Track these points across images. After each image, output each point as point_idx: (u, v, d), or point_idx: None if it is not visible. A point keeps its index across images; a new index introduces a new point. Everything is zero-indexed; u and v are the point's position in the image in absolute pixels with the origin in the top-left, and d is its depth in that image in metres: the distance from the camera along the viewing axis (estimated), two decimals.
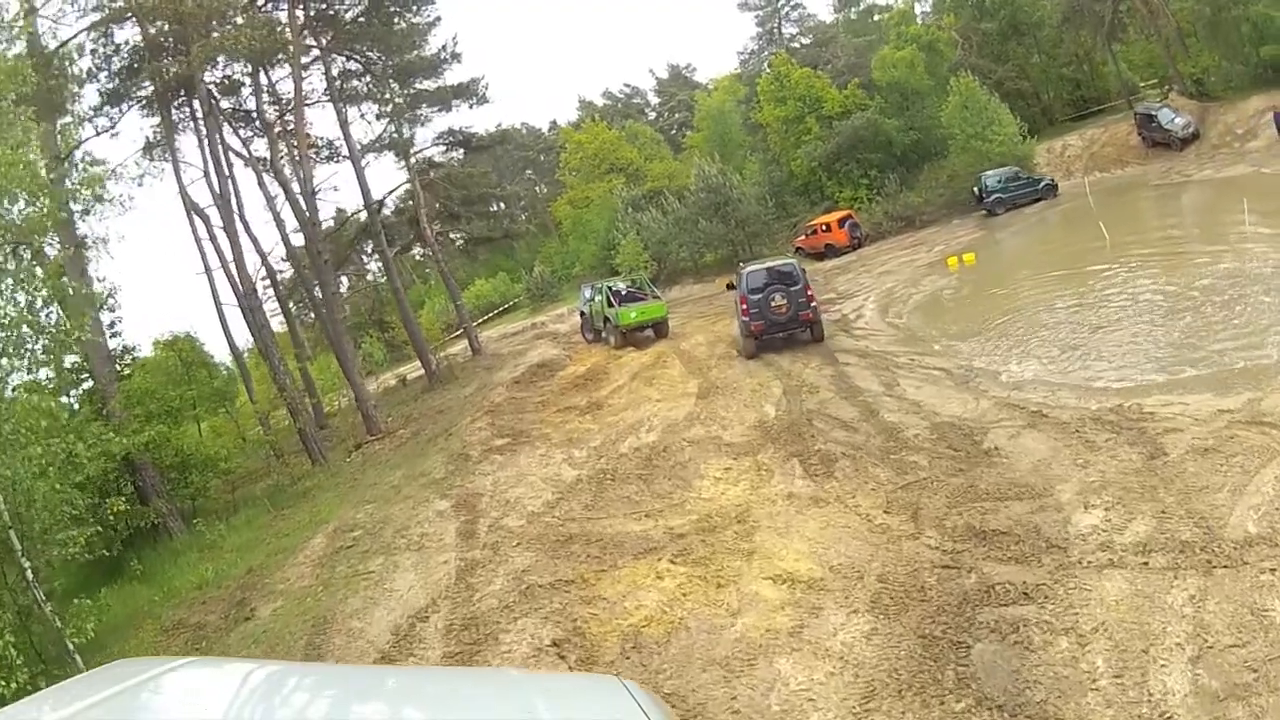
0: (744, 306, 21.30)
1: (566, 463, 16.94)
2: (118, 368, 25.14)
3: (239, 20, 27.82)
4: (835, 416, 15.54)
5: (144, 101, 28.98)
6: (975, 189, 38.08)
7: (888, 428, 14.29)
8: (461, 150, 42.94)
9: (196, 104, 28.10)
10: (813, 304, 21.36)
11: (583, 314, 31.28)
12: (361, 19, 33.21)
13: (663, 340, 26.61)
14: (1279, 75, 35.34)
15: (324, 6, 32.35)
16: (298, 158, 30.72)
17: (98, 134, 28.03)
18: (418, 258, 59.03)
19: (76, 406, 22.37)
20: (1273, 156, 30.91)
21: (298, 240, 33.52)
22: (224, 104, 32.00)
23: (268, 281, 37.29)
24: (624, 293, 28.50)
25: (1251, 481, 9.57)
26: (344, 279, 51.46)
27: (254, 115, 32.73)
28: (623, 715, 2.45)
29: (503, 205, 62.04)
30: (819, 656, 8.17)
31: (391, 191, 38.34)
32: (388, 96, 35.67)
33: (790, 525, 11.20)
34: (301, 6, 31.49)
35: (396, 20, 34.39)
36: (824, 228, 40.24)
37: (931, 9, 52.72)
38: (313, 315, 40.72)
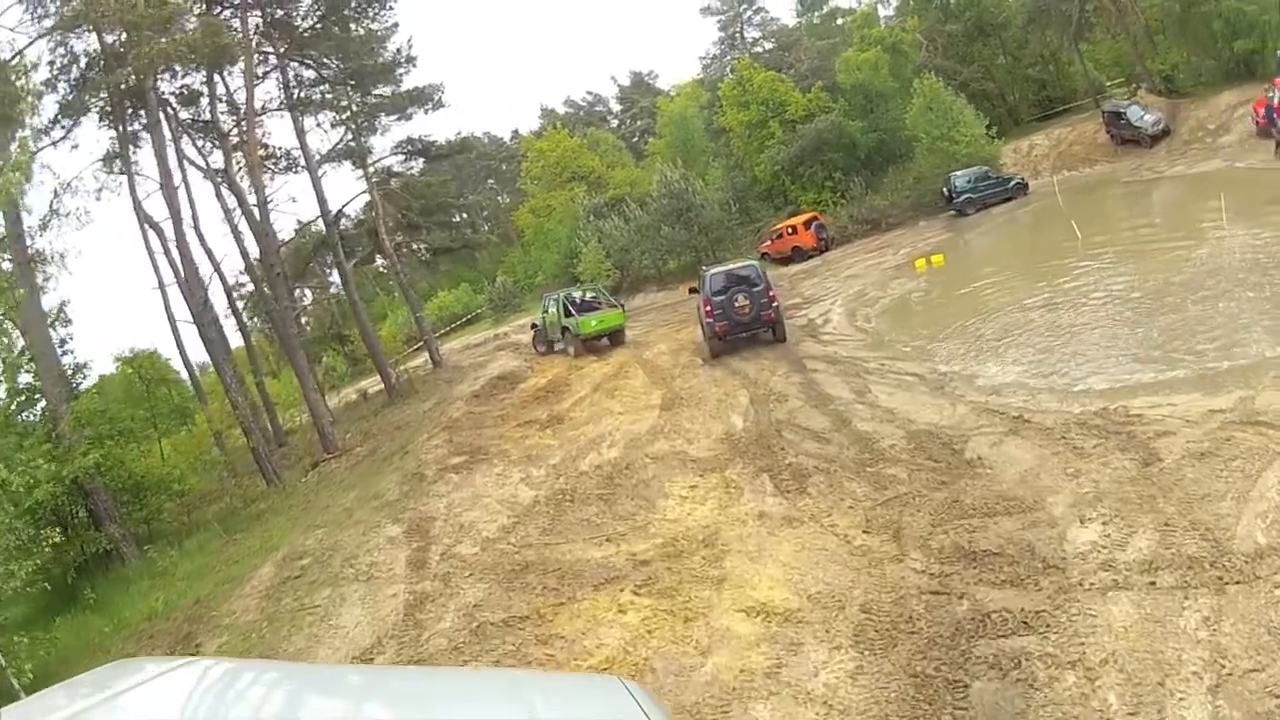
0: (707, 308, 21.42)
1: (524, 482, 16.09)
2: (71, 387, 24.38)
3: (191, 26, 27.20)
4: (806, 427, 14.72)
5: (101, 113, 28.42)
6: (944, 189, 37.67)
7: (862, 438, 13.48)
8: (421, 159, 42.11)
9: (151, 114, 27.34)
10: (774, 304, 21.51)
11: (535, 326, 31.17)
12: (318, 25, 32.57)
13: (625, 350, 26.09)
14: (1251, 70, 35.17)
15: (281, 13, 31.73)
16: (251, 167, 30.05)
17: (54, 145, 27.49)
18: (381, 270, 58.03)
19: (38, 425, 21.75)
20: (1246, 151, 30.60)
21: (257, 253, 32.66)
22: (183, 115, 31.48)
23: (227, 296, 36.31)
24: (580, 302, 28.63)
25: (1255, 487, 8.91)
26: (307, 292, 50.71)
27: (211, 125, 31.97)
28: (623, 715, 2.44)
29: (465, 215, 61.40)
30: (800, 701, 7.31)
31: (349, 202, 37.41)
32: (344, 104, 34.84)
33: (762, 548, 10.33)
34: (259, 12, 30.93)
35: (354, 26, 33.75)
36: (790, 230, 39.69)
37: (895, 12, 52.39)
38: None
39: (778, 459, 13.35)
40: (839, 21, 56.77)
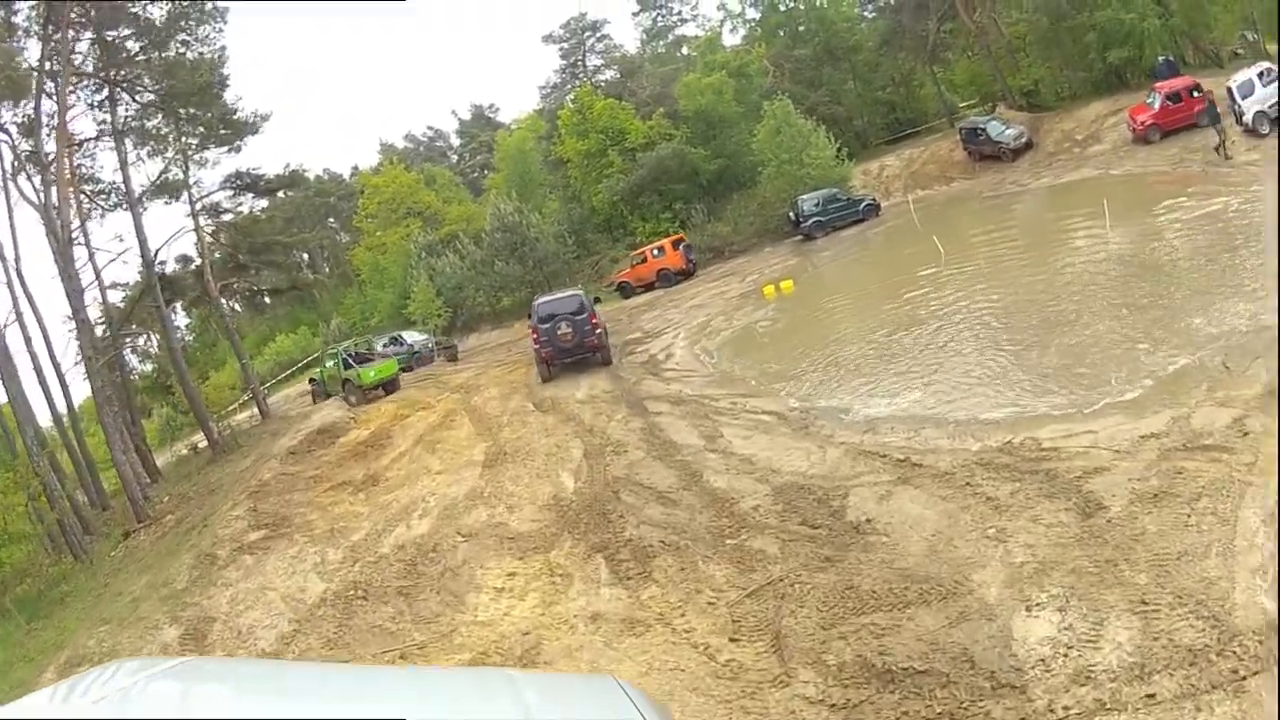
0: (535, 335, 22.52)
1: (316, 570, 13.49)
2: None
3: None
4: (649, 485, 12.08)
5: None
6: (791, 213, 36.04)
7: (717, 498, 10.86)
8: (251, 195, 38.72)
9: None
10: (598, 330, 22.43)
11: (313, 381, 31.90)
12: (148, 49, 30.31)
13: (455, 395, 23.73)
14: (1124, 80, 35.11)
15: (113, 34, 29.35)
16: (61, 201, 27.52)
17: None
18: (224, 314, 54.17)
19: None
20: (1121, 158, 30.05)
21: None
22: (24, 146, 28.89)
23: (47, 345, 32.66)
24: (357, 355, 29.33)
25: (1236, 533, 6.84)
26: (154, 338, 47.40)
27: (34, 155, 29.06)
28: (620, 714, 2.45)
29: (304, 255, 58.14)
30: None
31: (169, 240, 34.09)
32: (164, 132, 32.04)
33: (597, 668, 7.48)
34: (89, 31, 28.82)
35: (181, 50, 31.26)
36: (655, 253, 36.96)
37: (742, 40, 51.28)
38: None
39: (615, 532, 10.61)
40: (684, 50, 55.56)
